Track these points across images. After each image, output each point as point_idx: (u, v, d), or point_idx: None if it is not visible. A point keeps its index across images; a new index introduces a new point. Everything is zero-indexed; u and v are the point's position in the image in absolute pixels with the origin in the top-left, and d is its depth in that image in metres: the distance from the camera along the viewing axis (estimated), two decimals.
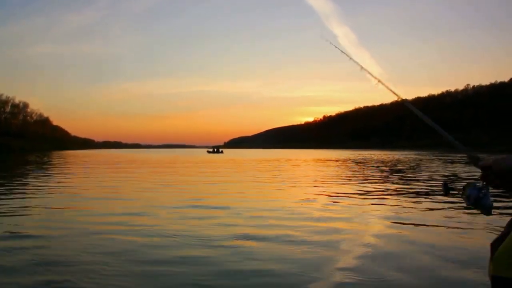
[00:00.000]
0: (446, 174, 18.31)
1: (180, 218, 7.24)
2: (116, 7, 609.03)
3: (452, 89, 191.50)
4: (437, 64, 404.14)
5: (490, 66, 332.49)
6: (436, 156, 48.68)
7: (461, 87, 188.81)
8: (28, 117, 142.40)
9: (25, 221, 6.98)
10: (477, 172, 1.34)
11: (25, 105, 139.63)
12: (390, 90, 1.90)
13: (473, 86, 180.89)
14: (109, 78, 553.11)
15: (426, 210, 8.15)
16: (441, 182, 1.40)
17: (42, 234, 5.94)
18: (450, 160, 34.26)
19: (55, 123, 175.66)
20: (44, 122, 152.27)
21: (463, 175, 17.48)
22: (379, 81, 1.98)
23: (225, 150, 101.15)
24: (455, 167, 24.19)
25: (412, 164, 28.27)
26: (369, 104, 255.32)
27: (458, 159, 37.51)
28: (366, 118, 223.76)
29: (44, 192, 11.25)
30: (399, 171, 21.16)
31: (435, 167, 23.84)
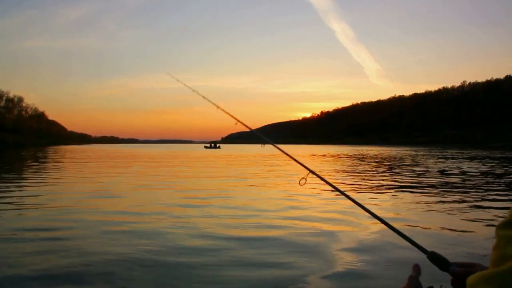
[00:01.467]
0: (436, 170, 18.33)
1: (177, 214, 7.18)
2: (111, 1, 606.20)
3: (449, 86, 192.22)
4: (434, 61, 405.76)
5: (486, 63, 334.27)
6: (431, 152, 48.81)
7: (457, 83, 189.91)
8: (23, 112, 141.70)
9: (23, 219, 6.90)
10: (474, 170, 1.13)
11: (20, 100, 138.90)
12: (230, 115, 1.91)
13: (469, 83, 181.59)
14: (106, 72, 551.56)
15: (419, 203, 8.13)
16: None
17: (41, 230, 5.88)
18: (443, 156, 34.37)
19: (51, 117, 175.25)
20: (39, 116, 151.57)
21: (455, 171, 17.51)
22: (218, 107, 2.06)
23: (222, 146, 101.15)
24: (447, 163, 24.25)
25: (407, 160, 28.33)
26: (367, 100, 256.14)
27: (451, 155, 37.62)
28: (363, 114, 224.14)
29: (42, 189, 11.17)
30: (393, 166, 21.19)
31: (430, 164, 23.90)
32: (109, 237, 5.41)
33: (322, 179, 1.58)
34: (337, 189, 1.57)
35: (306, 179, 1.72)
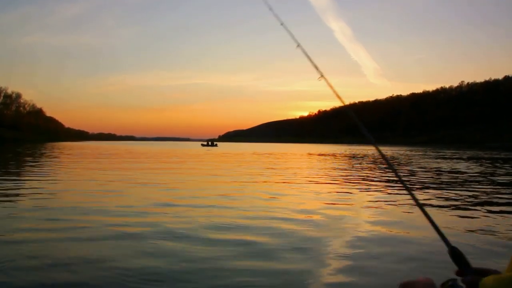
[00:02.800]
0: (429, 170, 18.34)
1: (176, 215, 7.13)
2: None
3: (447, 86, 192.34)
4: (432, 61, 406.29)
5: (485, 64, 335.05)
6: (427, 152, 48.89)
7: (455, 84, 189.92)
8: (21, 108, 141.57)
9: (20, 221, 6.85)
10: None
11: (18, 96, 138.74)
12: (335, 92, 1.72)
13: (468, 83, 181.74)
14: (104, 69, 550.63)
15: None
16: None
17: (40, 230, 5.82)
18: (439, 156, 34.43)
19: (49, 114, 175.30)
20: (37, 113, 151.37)
21: (445, 172, 17.53)
22: (321, 75, 1.83)
23: (219, 144, 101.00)
24: (440, 163, 24.29)
25: (400, 160, 28.36)
26: (364, 99, 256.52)
27: (449, 155, 37.70)
28: (361, 114, 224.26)
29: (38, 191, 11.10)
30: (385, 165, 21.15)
31: (423, 163, 23.93)
32: (106, 239, 5.36)
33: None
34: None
35: None
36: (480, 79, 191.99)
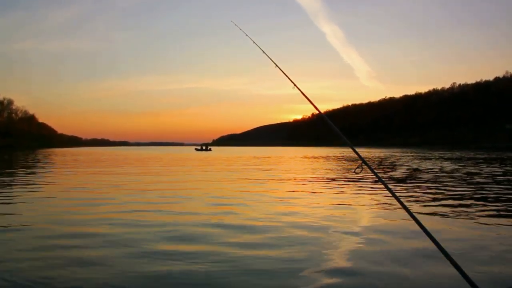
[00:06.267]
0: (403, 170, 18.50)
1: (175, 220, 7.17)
2: (102, 2, 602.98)
3: (439, 88, 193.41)
4: (424, 63, 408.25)
5: (476, 65, 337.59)
6: (416, 153, 49.21)
7: (447, 85, 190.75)
8: (13, 115, 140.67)
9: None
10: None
11: (10, 102, 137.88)
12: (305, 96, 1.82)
13: (459, 85, 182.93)
14: (98, 74, 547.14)
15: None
16: None
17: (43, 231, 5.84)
18: (423, 157, 34.71)
19: (41, 120, 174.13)
20: (29, 119, 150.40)
21: (422, 170, 17.68)
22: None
23: (213, 148, 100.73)
24: (422, 162, 24.51)
25: (388, 161, 28.59)
26: (357, 102, 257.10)
27: (437, 156, 37.99)
28: (354, 116, 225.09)
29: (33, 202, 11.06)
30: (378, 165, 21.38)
31: (405, 163, 24.15)
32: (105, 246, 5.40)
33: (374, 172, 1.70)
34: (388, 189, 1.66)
35: (362, 168, 1.88)
36: (471, 80, 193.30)
